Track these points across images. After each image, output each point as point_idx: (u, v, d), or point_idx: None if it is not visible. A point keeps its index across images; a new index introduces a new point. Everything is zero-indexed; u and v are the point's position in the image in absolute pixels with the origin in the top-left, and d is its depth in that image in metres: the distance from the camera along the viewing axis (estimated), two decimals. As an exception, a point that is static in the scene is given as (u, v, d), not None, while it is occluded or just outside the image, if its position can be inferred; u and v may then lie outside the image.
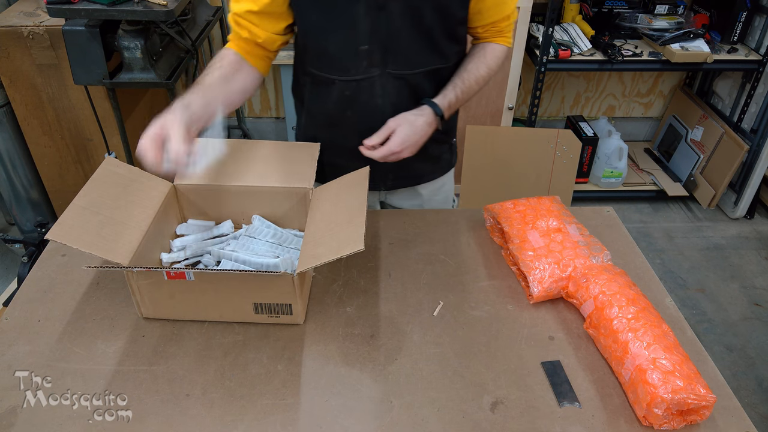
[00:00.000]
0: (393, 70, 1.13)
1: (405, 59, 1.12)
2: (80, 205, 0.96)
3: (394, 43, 1.09)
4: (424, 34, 1.10)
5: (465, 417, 0.86)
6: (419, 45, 1.11)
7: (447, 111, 1.15)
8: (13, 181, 2.41)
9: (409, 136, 1.08)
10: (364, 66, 1.12)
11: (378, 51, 1.10)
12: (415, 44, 1.11)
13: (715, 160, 2.87)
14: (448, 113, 1.16)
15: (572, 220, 1.15)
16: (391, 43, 1.09)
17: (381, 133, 1.09)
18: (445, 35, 1.12)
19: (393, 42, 1.09)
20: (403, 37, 1.09)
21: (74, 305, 1.04)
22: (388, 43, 1.09)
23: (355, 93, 1.16)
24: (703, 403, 0.81)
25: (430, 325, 1.01)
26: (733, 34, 2.64)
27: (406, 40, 1.09)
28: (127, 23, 1.96)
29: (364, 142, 1.09)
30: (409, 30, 1.08)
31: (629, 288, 0.98)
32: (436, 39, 1.11)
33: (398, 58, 1.12)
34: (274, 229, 1.15)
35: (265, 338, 0.98)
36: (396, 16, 1.06)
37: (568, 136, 2.57)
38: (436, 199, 1.41)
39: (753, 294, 2.45)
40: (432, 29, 1.09)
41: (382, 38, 1.08)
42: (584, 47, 2.55)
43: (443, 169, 1.38)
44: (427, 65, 1.14)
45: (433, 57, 1.14)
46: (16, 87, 2.19)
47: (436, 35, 1.11)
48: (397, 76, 1.14)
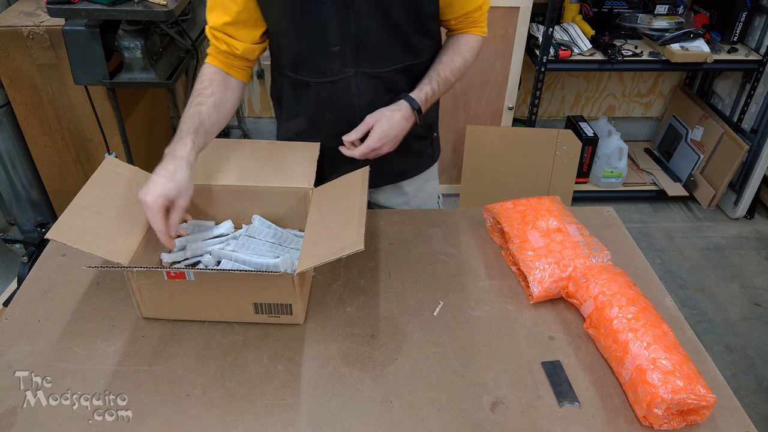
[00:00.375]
0: (367, 69, 1.13)
1: (377, 58, 1.12)
2: (80, 204, 0.96)
3: (365, 43, 1.09)
4: (395, 32, 1.10)
5: (465, 417, 0.86)
6: (390, 42, 1.11)
7: (424, 104, 1.14)
8: (13, 181, 2.41)
9: (387, 132, 1.09)
10: (337, 67, 1.12)
11: (350, 51, 1.10)
12: (387, 42, 1.11)
13: (715, 160, 2.87)
14: (426, 106, 1.16)
15: (572, 220, 1.15)
16: (362, 42, 1.09)
17: (359, 129, 1.10)
18: (415, 31, 1.12)
19: (363, 41, 1.09)
20: (374, 35, 1.09)
21: (74, 305, 1.04)
22: (359, 43, 1.09)
23: (331, 94, 1.16)
24: (704, 403, 0.81)
25: (430, 325, 1.01)
26: (733, 34, 2.64)
27: (377, 39, 1.09)
28: (127, 23, 1.96)
29: (343, 138, 1.10)
30: (379, 28, 1.08)
31: (629, 288, 0.98)
32: (407, 35, 1.11)
33: (370, 57, 1.12)
34: (274, 229, 1.15)
35: (265, 338, 0.98)
36: (364, 15, 1.06)
37: (568, 136, 2.57)
38: (421, 195, 1.41)
39: (753, 294, 2.45)
40: (402, 26, 1.09)
41: (353, 38, 1.09)
42: (584, 47, 2.55)
43: (425, 164, 1.38)
44: (400, 62, 1.14)
45: (405, 54, 1.14)
46: (16, 87, 2.19)
47: (407, 31, 1.11)
48: (371, 74, 1.14)
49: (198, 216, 1.18)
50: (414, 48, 1.14)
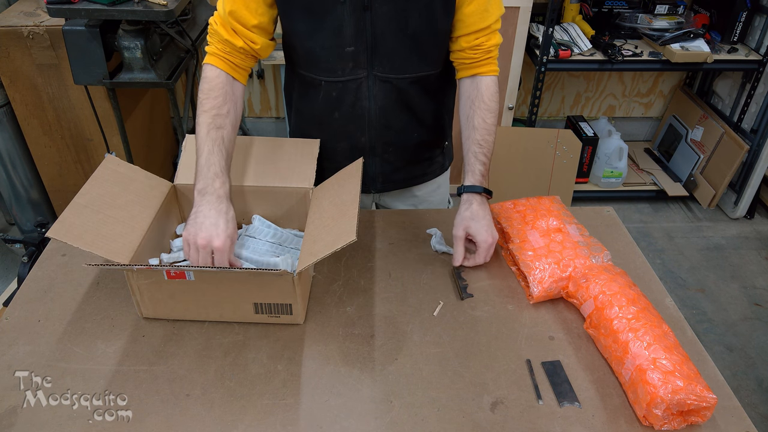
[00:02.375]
0: (379, 73, 1.13)
1: (391, 63, 1.12)
2: (81, 203, 0.96)
3: (380, 46, 1.09)
4: (410, 39, 1.09)
5: (465, 417, 0.86)
6: (405, 49, 1.11)
7: (484, 182, 1.14)
8: (13, 181, 2.41)
9: (484, 224, 1.10)
10: (350, 67, 1.12)
11: (364, 53, 1.10)
12: (401, 48, 1.10)
13: (715, 160, 2.87)
14: (486, 181, 1.15)
15: (572, 220, 1.15)
16: (377, 45, 1.09)
17: (459, 249, 1.12)
18: (431, 41, 1.12)
19: (378, 44, 1.09)
20: (389, 39, 1.09)
21: (74, 305, 1.04)
22: (373, 46, 1.09)
23: (341, 94, 1.15)
24: (704, 404, 0.81)
25: (430, 325, 1.01)
26: (733, 34, 2.64)
27: (392, 43, 1.09)
28: (127, 23, 1.96)
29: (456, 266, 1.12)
30: (395, 33, 1.08)
31: (629, 288, 0.98)
32: (422, 44, 1.11)
33: (384, 61, 1.11)
34: (274, 229, 1.15)
35: (265, 338, 0.98)
36: (381, 18, 1.06)
37: (568, 136, 2.57)
38: (432, 200, 1.41)
39: (753, 294, 2.45)
40: (418, 34, 1.09)
41: (368, 40, 1.08)
42: (584, 47, 2.55)
43: (435, 172, 1.38)
44: (413, 71, 1.14)
45: (419, 63, 1.14)
46: (16, 87, 2.19)
47: (422, 40, 1.10)
48: (384, 79, 1.13)
49: (198, 216, 1.18)
50: (428, 58, 1.14)
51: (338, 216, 0.96)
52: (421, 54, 1.12)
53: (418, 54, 1.12)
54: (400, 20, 1.07)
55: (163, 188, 1.11)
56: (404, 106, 1.18)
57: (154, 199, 1.07)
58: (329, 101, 1.17)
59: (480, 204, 1.11)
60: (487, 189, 1.13)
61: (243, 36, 1.06)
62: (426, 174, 1.36)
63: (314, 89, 1.17)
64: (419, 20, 1.07)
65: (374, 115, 1.17)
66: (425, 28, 1.09)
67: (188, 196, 1.15)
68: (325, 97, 1.17)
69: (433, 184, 1.39)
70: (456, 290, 1.08)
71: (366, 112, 1.17)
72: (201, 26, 2.41)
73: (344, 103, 1.17)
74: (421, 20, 1.07)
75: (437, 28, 1.10)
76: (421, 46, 1.11)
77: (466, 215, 1.11)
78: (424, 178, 1.36)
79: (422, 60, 1.14)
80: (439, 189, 1.42)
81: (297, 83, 1.21)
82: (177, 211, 1.16)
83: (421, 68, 1.15)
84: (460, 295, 1.07)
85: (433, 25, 1.09)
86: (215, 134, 1.02)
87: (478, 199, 1.12)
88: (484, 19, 1.10)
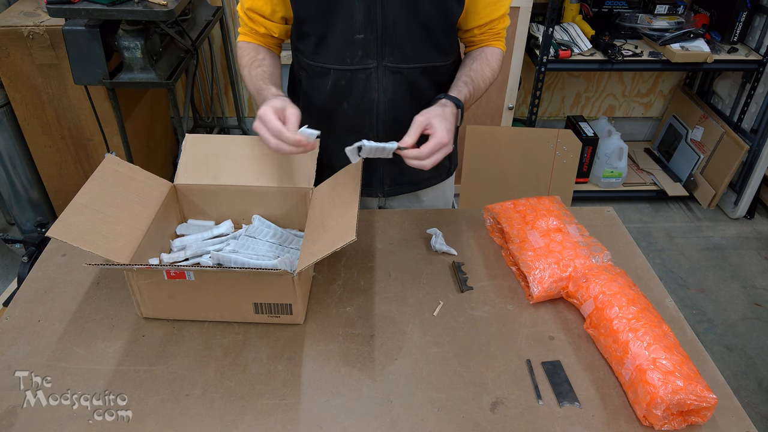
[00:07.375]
0: (390, 63, 1.12)
1: (401, 52, 1.11)
2: (81, 203, 0.96)
3: (390, 35, 1.09)
4: (421, 28, 1.09)
5: (465, 417, 0.86)
6: (416, 38, 1.10)
7: (465, 105, 1.11)
8: (13, 181, 2.41)
9: (447, 125, 1.00)
10: (359, 56, 1.11)
11: (374, 41, 1.10)
12: (412, 37, 1.10)
13: (715, 160, 2.87)
14: (466, 108, 1.12)
15: (572, 220, 1.15)
16: (387, 34, 1.09)
17: (413, 130, 0.99)
18: (442, 31, 1.12)
19: (389, 33, 1.09)
20: (400, 28, 1.08)
21: (74, 305, 1.04)
22: (384, 34, 1.09)
23: (350, 83, 1.15)
24: (704, 404, 0.81)
25: (430, 325, 1.01)
26: (733, 34, 2.64)
27: (403, 32, 1.09)
28: (127, 23, 1.96)
29: (400, 144, 0.98)
30: (406, 22, 1.08)
31: (629, 288, 0.98)
32: (433, 33, 1.11)
33: (394, 51, 1.11)
34: (274, 229, 1.15)
35: (265, 338, 0.98)
36: (392, 6, 1.06)
37: (568, 136, 2.57)
38: (436, 205, 1.41)
39: (753, 294, 2.45)
40: (429, 23, 1.09)
41: (378, 28, 1.08)
42: (584, 47, 2.55)
43: (442, 175, 1.37)
44: (423, 61, 1.14)
45: (430, 53, 1.13)
46: (16, 87, 2.19)
47: (434, 29, 1.10)
48: (394, 69, 1.13)
49: (198, 216, 1.18)
50: (439, 48, 1.14)
51: (338, 216, 0.96)
52: (432, 43, 1.12)
53: (429, 43, 1.12)
54: (410, 8, 1.07)
55: (163, 188, 1.11)
56: (414, 100, 1.16)
57: (154, 199, 1.07)
58: (338, 91, 1.16)
59: (452, 113, 1.05)
60: (463, 109, 1.09)
61: (263, 25, 1.16)
62: (433, 177, 1.35)
63: (322, 79, 1.17)
64: (430, 8, 1.07)
65: (383, 108, 1.16)
66: (437, 17, 1.09)
67: (188, 196, 1.15)
68: (334, 85, 1.16)
69: (438, 189, 1.38)
70: (456, 283, 1.08)
71: (374, 105, 1.16)
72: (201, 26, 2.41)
73: (353, 94, 1.16)
74: (433, 8, 1.07)
75: (449, 17, 1.10)
76: (432, 35, 1.11)
77: (435, 111, 1.01)
78: (431, 181, 1.36)
79: (433, 49, 1.14)
80: (444, 195, 1.41)
81: (304, 75, 1.21)
82: (177, 211, 1.16)
83: (433, 58, 1.15)
84: (460, 288, 1.07)
85: (444, 14, 1.09)
86: (256, 72, 1.13)
87: (453, 109, 1.06)
88: (498, 9, 1.13)
